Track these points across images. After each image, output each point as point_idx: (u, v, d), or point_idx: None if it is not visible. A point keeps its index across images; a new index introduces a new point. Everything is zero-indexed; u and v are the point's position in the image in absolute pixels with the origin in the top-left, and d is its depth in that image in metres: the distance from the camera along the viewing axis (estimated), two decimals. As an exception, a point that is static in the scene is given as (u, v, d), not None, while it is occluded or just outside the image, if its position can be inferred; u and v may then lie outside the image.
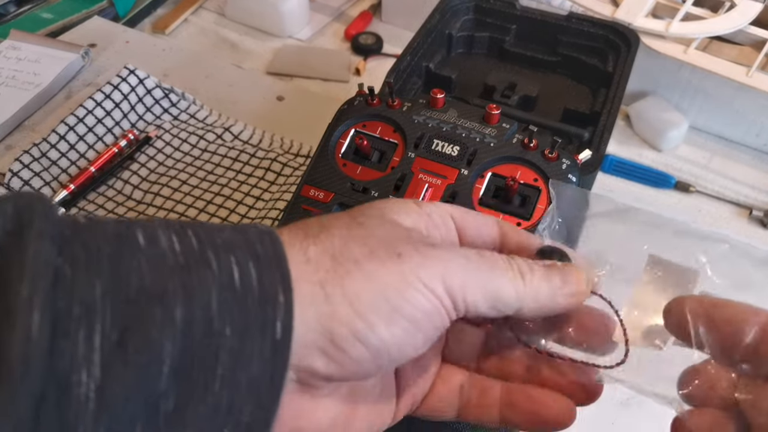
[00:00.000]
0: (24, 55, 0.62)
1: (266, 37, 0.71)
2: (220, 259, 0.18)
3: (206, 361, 0.17)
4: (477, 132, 0.37)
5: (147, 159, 0.54)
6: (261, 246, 0.19)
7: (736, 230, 0.53)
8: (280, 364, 0.18)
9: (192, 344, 0.17)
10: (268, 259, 0.19)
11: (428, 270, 0.20)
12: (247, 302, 0.18)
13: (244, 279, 0.18)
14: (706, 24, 0.56)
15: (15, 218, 0.16)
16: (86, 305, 0.16)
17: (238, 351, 0.17)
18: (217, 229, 0.19)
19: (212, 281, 0.17)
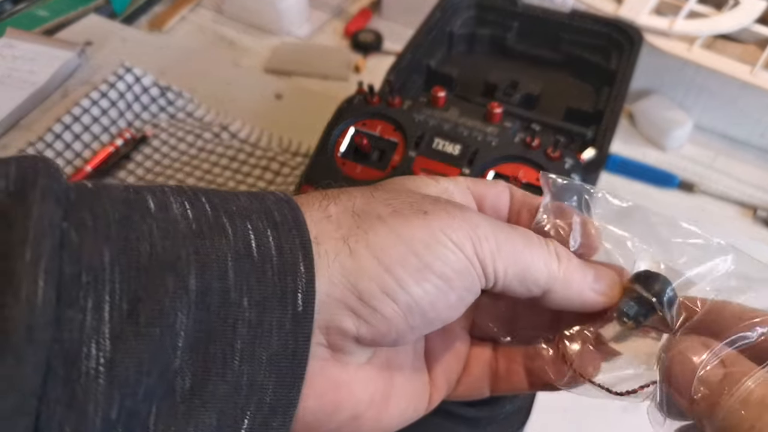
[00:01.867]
0: (20, 53, 0.62)
1: (264, 34, 0.70)
2: (236, 225, 0.17)
3: (224, 335, 0.16)
4: (478, 131, 0.36)
5: (144, 158, 0.54)
6: (279, 213, 0.18)
7: (741, 230, 0.53)
8: (302, 338, 0.17)
9: (208, 316, 0.16)
10: (288, 226, 0.17)
11: (457, 230, 0.19)
12: (266, 272, 0.17)
13: (261, 247, 0.17)
14: (710, 22, 0.55)
15: (18, 179, 0.15)
16: (94, 272, 0.15)
17: (257, 324, 0.16)
18: (233, 195, 0.18)
19: (228, 249, 0.16)
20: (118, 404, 0.14)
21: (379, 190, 0.20)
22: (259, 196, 0.19)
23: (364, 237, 0.18)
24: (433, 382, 0.23)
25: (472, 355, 0.25)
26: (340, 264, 0.18)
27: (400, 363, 0.22)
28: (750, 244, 0.51)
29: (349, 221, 0.18)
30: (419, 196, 0.20)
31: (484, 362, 0.24)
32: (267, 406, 0.17)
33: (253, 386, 0.16)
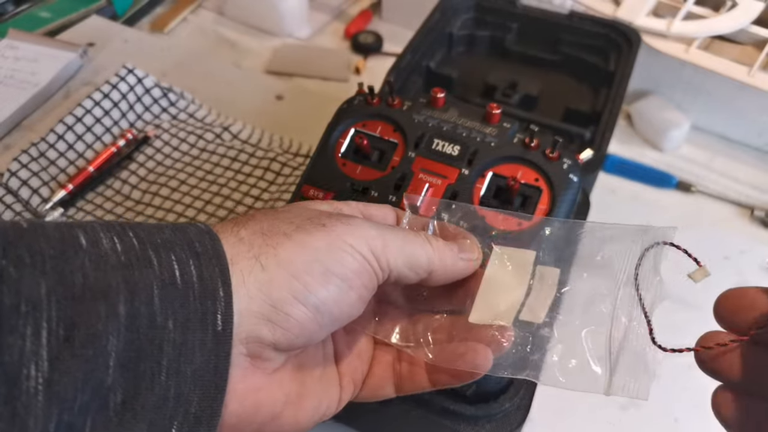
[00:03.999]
0: (22, 54, 0.62)
1: (265, 35, 0.71)
2: (161, 257, 0.19)
3: (151, 354, 0.18)
4: (478, 131, 0.36)
5: (145, 158, 0.54)
6: (200, 244, 0.20)
7: (738, 230, 0.53)
8: (222, 354, 0.19)
9: (136, 338, 0.18)
10: (208, 256, 0.20)
11: (353, 236, 0.22)
12: (189, 297, 0.19)
13: (184, 276, 0.19)
14: (708, 23, 0.56)
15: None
16: (33, 303, 0.16)
17: (181, 343, 0.18)
18: (157, 228, 0.20)
19: (154, 278, 0.18)
20: (57, 418, 0.16)
21: (282, 212, 0.23)
22: (182, 228, 0.21)
23: (273, 253, 0.21)
24: (341, 383, 0.26)
25: (375, 358, 0.28)
26: (255, 279, 0.20)
27: (311, 365, 0.25)
28: (747, 244, 0.52)
29: (258, 241, 0.21)
30: (317, 212, 0.23)
31: (387, 364, 0.27)
32: (192, 416, 0.19)
33: (179, 398, 0.18)
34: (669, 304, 0.50)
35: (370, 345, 0.28)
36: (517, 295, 0.26)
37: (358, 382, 0.27)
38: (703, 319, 0.24)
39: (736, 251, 0.51)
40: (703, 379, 0.44)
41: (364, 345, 0.27)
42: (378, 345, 0.28)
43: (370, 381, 0.27)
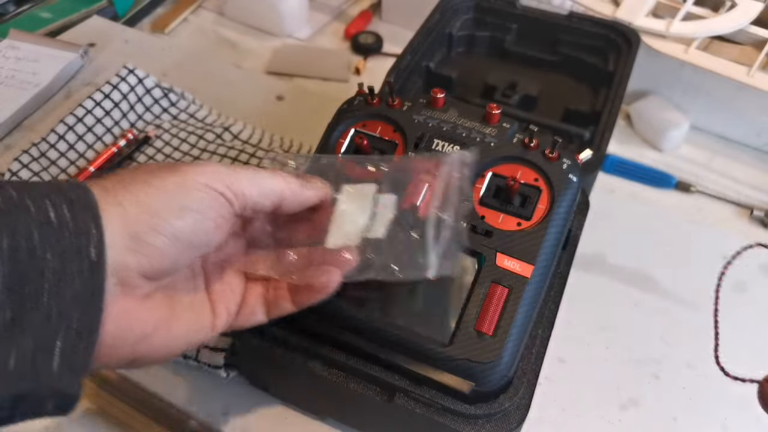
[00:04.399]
0: (23, 54, 0.62)
1: (266, 36, 0.71)
2: (36, 203, 0.22)
3: (34, 279, 0.21)
4: (477, 132, 0.36)
5: (146, 159, 0.54)
6: (74, 193, 0.23)
7: (737, 230, 0.53)
8: (98, 280, 0.22)
9: (19, 266, 0.21)
10: (81, 203, 0.23)
11: (204, 174, 0.26)
12: (64, 234, 0.22)
13: (60, 218, 0.22)
14: (707, 23, 0.56)
15: None
16: None
17: (60, 270, 0.21)
18: (34, 184, 0.23)
19: (31, 219, 0.22)
20: None
21: (144, 166, 0.27)
22: (58, 182, 0.24)
23: (134, 199, 0.24)
24: (215, 312, 0.30)
25: (248, 290, 0.31)
26: (120, 220, 0.24)
27: (181, 293, 0.29)
28: (746, 243, 0.52)
29: (121, 191, 0.25)
30: (177, 164, 0.27)
31: (257, 294, 0.31)
32: (74, 331, 0.22)
33: (61, 316, 0.21)
34: (669, 304, 0.49)
35: (241, 279, 0.32)
36: (363, 221, 0.32)
37: (232, 310, 0.30)
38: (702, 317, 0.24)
39: (735, 251, 0.51)
40: (701, 379, 0.44)
41: (235, 278, 0.31)
42: (250, 279, 0.32)
43: (244, 309, 0.31)
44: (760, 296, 0.48)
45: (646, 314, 0.46)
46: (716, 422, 0.41)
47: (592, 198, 0.43)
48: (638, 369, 0.44)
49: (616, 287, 0.48)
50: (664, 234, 0.52)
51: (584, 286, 0.47)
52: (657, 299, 0.47)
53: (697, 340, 0.44)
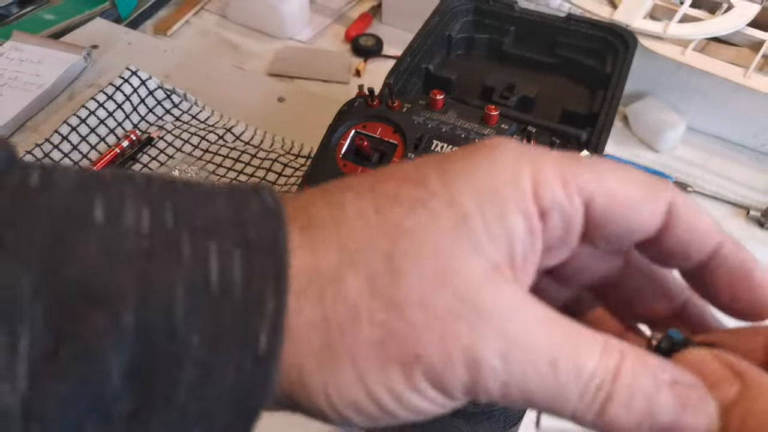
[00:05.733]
0: (26, 56, 0.63)
1: (267, 38, 0.71)
2: (196, 244, 0.14)
3: (167, 372, 0.14)
4: (476, 133, 0.37)
5: (149, 159, 0.55)
6: (256, 228, 0.15)
7: (733, 230, 0.53)
8: (261, 380, 0.15)
9: (148, 352, 0.14)
10: (264, 246, 0.15)
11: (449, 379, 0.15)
12: (224, 306, 0.14)
13: (223, 275, 0.14)
14: (704, 25, 0.56)
15: None
16: (9, 304, 0.13)
17: (206, 363, 0.14)
18: (208, 197, 0.15)
19: (180, 276, 0.14)
20: None
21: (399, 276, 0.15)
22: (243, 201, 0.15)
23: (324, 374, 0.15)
24: None
25: None
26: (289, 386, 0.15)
27: None
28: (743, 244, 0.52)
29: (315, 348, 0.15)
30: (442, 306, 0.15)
31: None
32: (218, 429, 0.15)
33: (202, 417, 0.15)
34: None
35: None
36: None
37: None
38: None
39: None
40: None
41: None
42: None
43: None
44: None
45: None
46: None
47: (589, 198, 0.43)
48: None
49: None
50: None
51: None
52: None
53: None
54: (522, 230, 0.16)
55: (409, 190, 0.16)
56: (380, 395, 0.15)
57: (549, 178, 0.16)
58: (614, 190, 0.16)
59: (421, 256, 0.15)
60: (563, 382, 0.15)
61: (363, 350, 0.15)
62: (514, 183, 0.16)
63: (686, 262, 0.18)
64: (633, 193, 0.17)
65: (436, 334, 0.15)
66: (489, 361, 0.15)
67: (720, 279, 0.18)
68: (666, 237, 0.17)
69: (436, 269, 0.15)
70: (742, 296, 0.18)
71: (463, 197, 0.16)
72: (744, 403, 0.15)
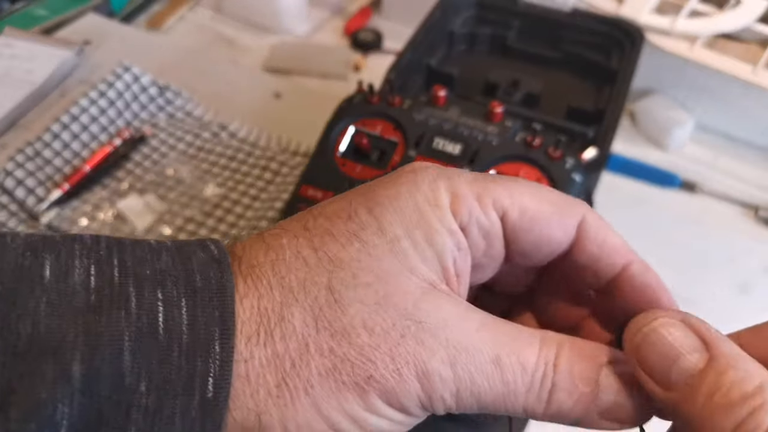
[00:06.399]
0: (18, 52, 0.61)
1: (263, 33, 0.70)
2: (142, 295, 0.15)
3: (115, 421, 0.14)
4: (479, 130, 0.36)
5: (143, 158, 0.53)
6: (202, 276, 0.15)
7: (742, 230, 0.52)
8: (210, 425, 0.15)
9: (96, 401, 0.14)
10: (209, 292, 0.15)
11: (403, 395, 0.16)
12: (171, 352, 0.14)
13: (170, 322, 0.15)
14: (712, 21, 0.55)
15: None
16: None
17: (155, 410, 0.14)
18: (154, 253, 0.16)
19: (127, 326, 0.14)
20: None
21: (331, 308, 0.16)
22: (188, 253, 0.16)
23: (281, 410, 0.15)
24: None
25: None
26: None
27: None
28: (752, 244, 0.51)
29: (270, 385, 0.15)
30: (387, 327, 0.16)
31: None
32: None
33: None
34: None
35: None
36: None
37: None
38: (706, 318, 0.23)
39: (740, 251, 0.50)
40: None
41: None
42: None
43: None
44: (765, 297, 0.47)
45: (651, 316, 0.45)
46: (722, 426, 0.41)
47: (596, 197, 0.42)
48: (643, 372, 0.43)
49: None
50: (669, 234, 0.51)
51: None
52: (661, 301, 0.46)
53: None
54: (450, 247, 0.17)
55: (341, 224, 0.17)
56: (339, 421, 0.16)
57: (465, 194, 0.17)
58: (527, 205, 0.18)
59: (360, 284, 0.16)
60: (510, 379, 0.16)
61: (316, 380, 0.15)
62: (434, 202, 0.17)
63: (597, 280, 0.19)
64: (545, 208, 0.18)
65: (385, 353, 0.16)
66: (438, 370, 0.16)
67: (626, 297, 0.19)
68: (578, 252, 0.19)
69: (376, 293, 0.16)
70: None
71: (392, 225, 0.17)
72: (711, 374, 0.15)
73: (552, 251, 0.19)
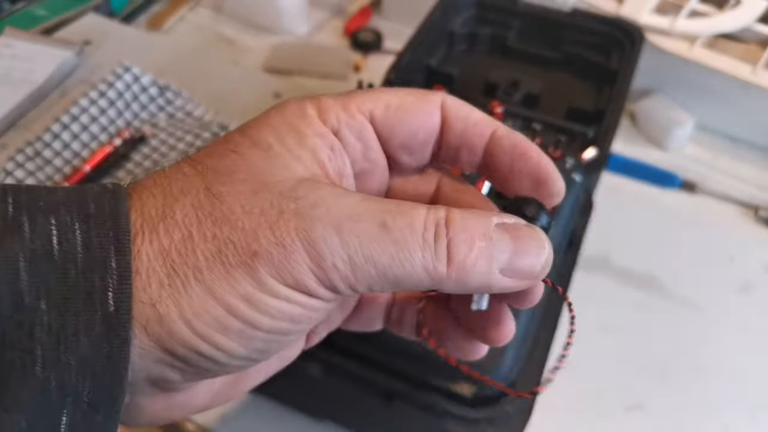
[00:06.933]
0: (18, 52, 0.61)
1: (264, 33, 0.70)
2: (35, 222, 0.15)
3: (20, 341, 0.14)
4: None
5: (143, 158, 0.53)
6: (96, 204, 0.16)
7: (742, 230, 0.52)
8: (117, 340, 0.15)
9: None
10: (103, 216, 0.16)
11: (294, 269, 0.16)
12: (68, 270, 0.15)
13: (64, 243, 0.15)
14: (712, 21, 0.55)
15: None
16: None
17: (58, 328, 0.15)
18: (50, 190, 0.16)
19: (21, 249, 0.15)
20: None
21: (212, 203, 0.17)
22: (82, 188, 0.17)
23: (175, 302, 0.16)
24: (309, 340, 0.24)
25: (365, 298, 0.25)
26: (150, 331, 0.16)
27: None
28: (751, 244, 0.51)
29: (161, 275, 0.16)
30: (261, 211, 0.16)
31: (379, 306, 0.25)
32: (86, 405, 0.16)
33: (64, 388, 0.15)
34: (674, 305, 0.49)
35: None
36: None
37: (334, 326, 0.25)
38: (708, 318, 0.23)
39: (740, 251, 0.50)
40: (707, 382, 0.43)
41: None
42: None
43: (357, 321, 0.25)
44: (765, 297, 0.47)
45: (651, 316, 0.45)
46: (722, 425, 0.41)
47: (596, 197, 0.42)
48: (643, 372, 0.43)
49: (621, 288, 0.47)
50: (669, 234, 0.51)
51: (588, 288, 0.46)
52: (661, 300, 0.46)
53: (703, 342, 0.43)
54: (321, 146, 0.18)
55: (218, 146, 0.18)
56: (235, 305, 0.16)
57: (330, 105, 0.19)
58: (389, 101, 0.19)
59: (235, 180, 0.17)
60: (400, 238, 0.16)
61: (204, 265, 0.16)
62: (300, 114, 0.18)
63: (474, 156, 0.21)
64: (406, 99, 0.20)
65: (266, 229, 0.16)
66: (323, 236, 0.16)
67: (501, 162, 0.20)
68: (447, 133, 0.20)
69: (252, 184, 0.17)
70: (524, 171, 0.20)
71: (264, 137, 0.18)
72: None
73: (426, 138, 0.20)
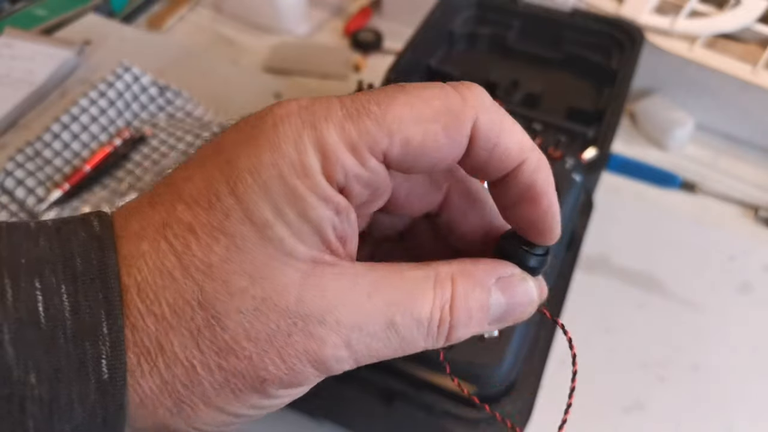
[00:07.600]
0: (18, 52, 0.61)
1: (263, 33, 0.70)
2: (18, 286, 0.14)
3: (11, 415, 0.14)
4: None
5: (142, 158, 0.53)
6: (82, 258, 0.15)
7: (742, 230, 0.52)
8: (113, 406, 0.15)
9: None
10: (91, 273, 0.15)
11: (300, 383, 0.16)
12: (57, 339, 0.14)
13: (51, 309, 0.14)
14: (712, 21, 0.55)
15: None
16: None
17: (50, 400, 0.14)
18: (30, 239, 0.15)
19: (4, 318, 0.14)
20: None
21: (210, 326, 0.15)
22: (67, 234, 0.15)
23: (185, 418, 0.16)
24: None
25: None
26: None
27: None
28: (751, 244, 0.51)
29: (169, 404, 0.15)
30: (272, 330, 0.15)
31: None
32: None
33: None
34: (674, 305, 0.49)
35: None
36: None
37: None
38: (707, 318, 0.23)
39: (740, 251, 0.50)
40: (707, 382, 0.43)
41: None
42: None
43: None
44: (765, 297, 0.47)
45: (651, 315, 0.45)
46: (722, 425, 0.41)
47: (596, 198, 0.42)
48: (643, 371, 0.43)
49: (620, 288, 0.47)
50: (669, 234, 0.51)
51: (588, 288, 0.46)
52: (661, 300, 0.46)
53: (703, 341, 0.43)
54: (328, 216, 0.16)
55: (203, 216, 0.15)
56: (243, 412, 0.16)
57: (336, 150, 0.15)
58: (408, 137, 0.16)
59: (234, 292, 0.15)
60: (407, 335, 0.16)
61: (212, 393, 0.15)
62: (302, 171, 0.15)
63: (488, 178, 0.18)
64: (430, 130, 0.16)
65: (275, 357, 0.15)
66: (333, 355, 0.16)
67: (508, 197, 0.18)
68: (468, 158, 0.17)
69: (253, 298, 0.15)
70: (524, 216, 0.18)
71: (259, 207, 0.15)
72: None
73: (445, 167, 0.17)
